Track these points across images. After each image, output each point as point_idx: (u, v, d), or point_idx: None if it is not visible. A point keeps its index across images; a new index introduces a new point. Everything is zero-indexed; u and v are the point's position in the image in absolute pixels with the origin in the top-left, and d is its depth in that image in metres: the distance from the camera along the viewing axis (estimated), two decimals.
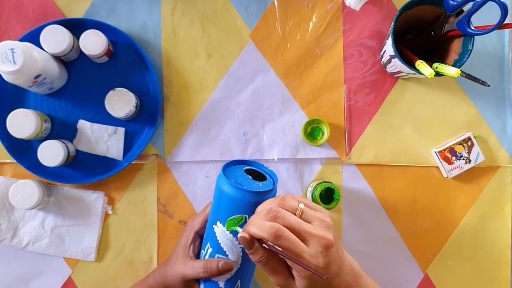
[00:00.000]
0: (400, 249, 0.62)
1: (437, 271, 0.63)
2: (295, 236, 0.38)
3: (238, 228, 0.43)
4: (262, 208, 0.42)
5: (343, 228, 0.62)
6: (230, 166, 0.48)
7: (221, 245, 0.45)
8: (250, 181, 0.45)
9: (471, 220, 0.63)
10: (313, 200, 0.58)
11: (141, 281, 0.54)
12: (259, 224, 0.39)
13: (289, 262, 0.40)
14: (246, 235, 0.39)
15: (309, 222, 0.40)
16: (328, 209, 0.57)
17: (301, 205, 0.41)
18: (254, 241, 0.39)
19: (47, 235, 0.60)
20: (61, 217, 0.60)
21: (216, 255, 0.46)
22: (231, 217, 0.43)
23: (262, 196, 0.43)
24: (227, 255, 0.45)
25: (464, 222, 0.63)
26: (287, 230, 0.38)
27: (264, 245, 0.39)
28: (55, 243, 0.60)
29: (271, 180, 0.47)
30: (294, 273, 0.40)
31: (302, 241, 0.39)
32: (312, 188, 0.59)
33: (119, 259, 0.61)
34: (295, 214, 0.40)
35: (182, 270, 0.48)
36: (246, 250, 0.40)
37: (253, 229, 0.39)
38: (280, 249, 0.38)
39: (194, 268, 0.47)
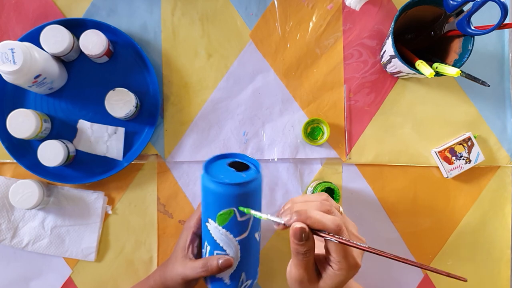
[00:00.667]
0: (400, 249, 0.62)
1: None
2: (347, 234, 0.39)
3: (254, 212, 0.43)
4: (307, 199, 0.41)
5: None
6: (212, 162, 0.47)
7: (217, 241, 0.45)
8: (233, 174, 0.45)
9: (471, 220, 0.63)
10: None
11: (141, 282, 0.54)
12: (321, 216, 0.38)
13: (336, 258, 0.38)
14: (305, 226, 0.38)
15: (346, 227, 0.41)
16: None
17: (341, 208, 0.43)
18: (310, 232, 0.38)
19: (47, 235, 0.60)
20: (61, 217, 0.60)
21: (215, 252, 0.46)
22: (220, 212, 0.43)
23: (246, 186, 0.43)
24: (225, 250, 0.45)
25: (464, 222, 0.63)
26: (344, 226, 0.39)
27: (321, 235, 0.38)
28: (55, 243, 0.60)
29: (255, 169, 0.46)
30: (332, 271, 0.39)
31: None
32: (312, 188, 0.59)
33: (119, 259, 0.61)
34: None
35: (182, 271, 0.48)
36: (296, 241, 0.38)
37: (315, 221, 0.38)
38: (342, 238, 0.37)
39: (193, 269, 0.47)
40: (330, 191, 0.58)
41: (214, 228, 0.45)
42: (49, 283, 0.60)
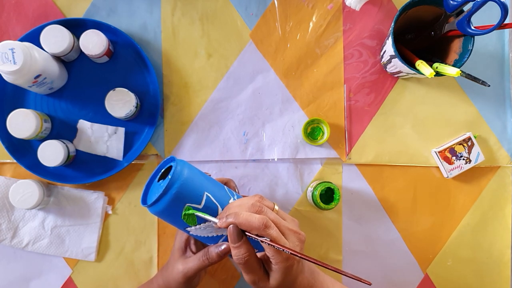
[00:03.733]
0: (400, 249, 0.62)
1: (437, 271, 0.63)
2: (278, 230, 0.41)
3: (211, 218, 0.43)
4: (242, 202, 0.43)
5: (343, 228, 0.62)
6: (148, 188, 0.47)
7: (209, 235, 0.45)
8: (159, 186, 0.45)
9: (471, 220, 0.63)
10: (313, 200, 0.58)
11: (144, 285, 0.54)
12: (248, 215, 0.40)
13: (270, 253, 0.41)
14: (235, 226, 0.40)
15: (284, 219, 0.44)
16: (328, 209, 0.57)
17: (276, 207, 0.45)
18: (242, 234, 0.41)
19: (47, 235, 0.60)
20: (61, 217, 0.60)
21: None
22: (184, 219, 0.43)
23: (171, 189, 0.42)
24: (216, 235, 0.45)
25: (464, 222, 0.63)
26: (272, 223, 0.41)
27: (249, 236, 0.41)
28: (55, 243, 0.60)
29: (174, 164, 0.45)
30: (273, 266, 0.42)
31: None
32: (312, 188, 0.59)
33: (119, 259, 0.61)
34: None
35: (183, 268, 0.48)
36: (231, 244, 0.41)
37: (242, 220, 0.40)
38: (268, 239, 0.40)
39: (194, 260, 0.47)
40: (330, 191, 0.58)
41: (195, 230, 0.45)
42: (49, 283, 0.60)
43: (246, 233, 0.41)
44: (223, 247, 0.45)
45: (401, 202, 0.62)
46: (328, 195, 0.59)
